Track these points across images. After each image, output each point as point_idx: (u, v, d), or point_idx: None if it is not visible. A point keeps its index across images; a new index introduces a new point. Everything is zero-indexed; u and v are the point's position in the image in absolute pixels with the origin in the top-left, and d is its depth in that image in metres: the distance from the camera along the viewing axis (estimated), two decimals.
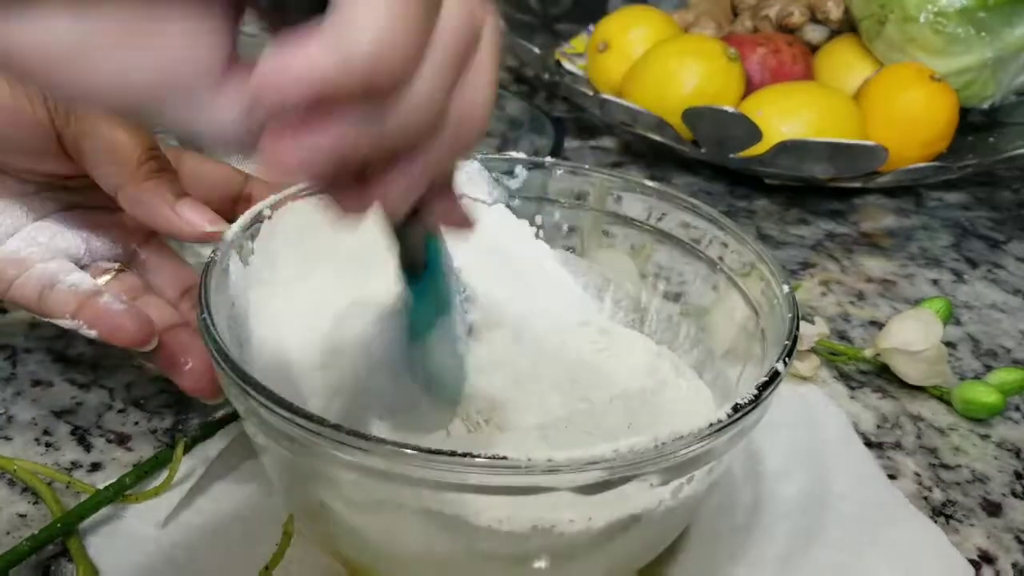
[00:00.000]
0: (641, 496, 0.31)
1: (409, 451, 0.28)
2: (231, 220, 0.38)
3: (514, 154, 0.46)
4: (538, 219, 0.46)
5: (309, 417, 0.29)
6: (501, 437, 0.39)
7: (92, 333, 0.38)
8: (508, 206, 0.46)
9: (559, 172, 0.45)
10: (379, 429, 0.38)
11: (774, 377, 0.32)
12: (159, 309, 0.41)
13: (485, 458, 0.28)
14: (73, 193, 0.41)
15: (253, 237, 0.39)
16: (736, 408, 0.30)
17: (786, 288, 0.37)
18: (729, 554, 0.40)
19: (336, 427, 0.28)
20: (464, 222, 0.31)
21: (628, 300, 0.46)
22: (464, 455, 0.28)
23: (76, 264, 0.41)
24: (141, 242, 0.43)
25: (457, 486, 0.29)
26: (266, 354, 0.39)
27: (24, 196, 0.40)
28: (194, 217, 0.37)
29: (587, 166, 0.46)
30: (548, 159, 0.46)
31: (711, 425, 0.30)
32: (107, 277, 0.41)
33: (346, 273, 0.42)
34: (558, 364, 0.42)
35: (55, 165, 0.39)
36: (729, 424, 0.30)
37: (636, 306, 0.46)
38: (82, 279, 0.39)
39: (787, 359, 0.33)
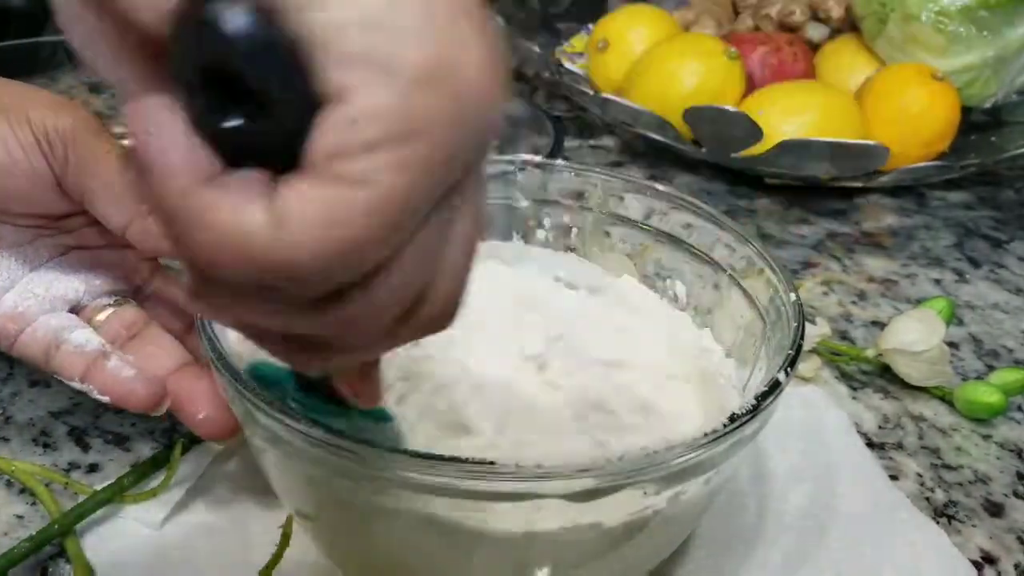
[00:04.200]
0: (636, 504, 0.30)
1: (399, 456, 0.28)
2: None
3: (524, 156, 0.46)
4: (545, 220, 0.46)
5: (305, 422, 0.29)
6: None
7: (104, 399, 0.38)
8: (515, 206, 0.45)
9: (560, 172, 0.45)
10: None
11: (774, 387, 0.32)
12: (162, 347, 0.40)
13: (473, 463, 0.27)
14: (70, 234, 0.40)
15: None
16: (733, 418, 0.30)
17: (793, 296, 0.36)
18: (733, 556, 0.40)
19: (331, 432, 0.28)
20: (373, 398, 0.28)
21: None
22: (452, 460, 0.28)
23: (76, 306, 0.40)
24: (146, 276, 0.42)
25: (447, 490, 0.28)
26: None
27: (20, 245, 0.39)
28: None
29: (588, 166, 0.45)
30: (555, 160, 0.46)
31: (706, 435, 0.29)
32: (106, 313, 0.41)
33: None
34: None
35: (56, 206, 0.38)
36: (725, 434, 0.30)
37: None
38: (87, 338, 0.39)
39: (789, 369, 0.33)
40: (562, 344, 0.40)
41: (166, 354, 0.40)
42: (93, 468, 0.42)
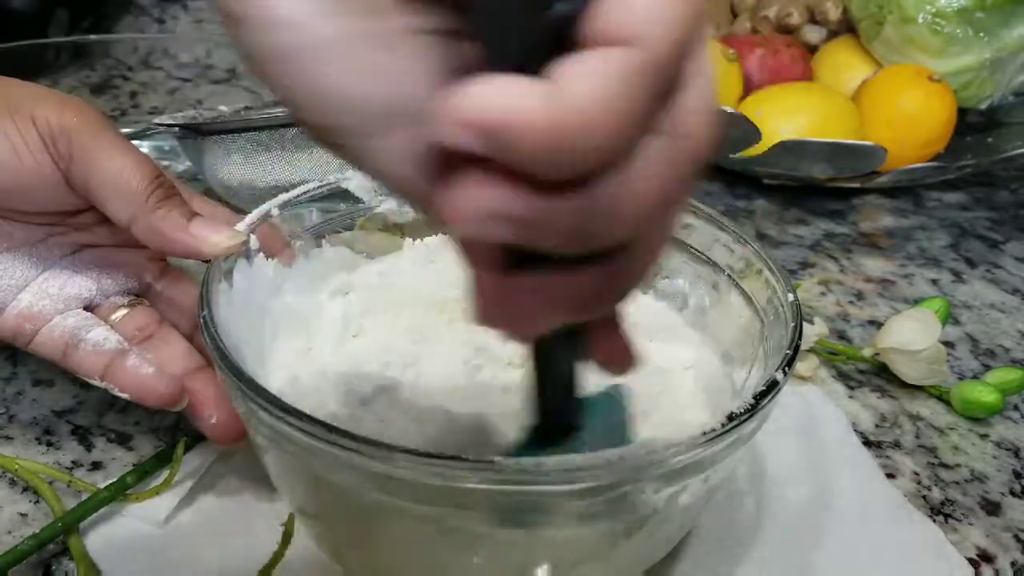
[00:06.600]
0: (636, 503, 0.30)
1: (400, 454, 0.28)
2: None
3: None
4: None
5: (307, 420, 0.29)
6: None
7: (124, 395, 0.39)
8: None
9: None
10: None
11: (772, 387, 0.32)
12: (174, 348, 0.40)
13: (473, 462, 0.28)
14: (81, 232, 0.41)
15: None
16: (731, 417, 0.30)
17: (791, 296, 0.37)
18: (731, 554, 0.40)
19: (333, 430, 0.28)
20: (626, 360, 0.27)
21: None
22: (453, 458, 0.28)
23: (89, 305, 0.41)
24: (156, 275, 0.43)
25: (447, 489, 0.29)
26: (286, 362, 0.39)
27: (31, 244, 0.40)
28: (210, 234, 0.37)
29: None
30: None
31: (705, 434, 0.29)
32: (121, 313, 0.41)
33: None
34: None
35: (65, 202, 0.38)
36: (724, 433, 0.30)
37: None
38: (104, 337, 0.39)
39: (787, 368, 0.33)
40: None
41: (179, 357, 0.40)
42: (96, 466, 0.43)
